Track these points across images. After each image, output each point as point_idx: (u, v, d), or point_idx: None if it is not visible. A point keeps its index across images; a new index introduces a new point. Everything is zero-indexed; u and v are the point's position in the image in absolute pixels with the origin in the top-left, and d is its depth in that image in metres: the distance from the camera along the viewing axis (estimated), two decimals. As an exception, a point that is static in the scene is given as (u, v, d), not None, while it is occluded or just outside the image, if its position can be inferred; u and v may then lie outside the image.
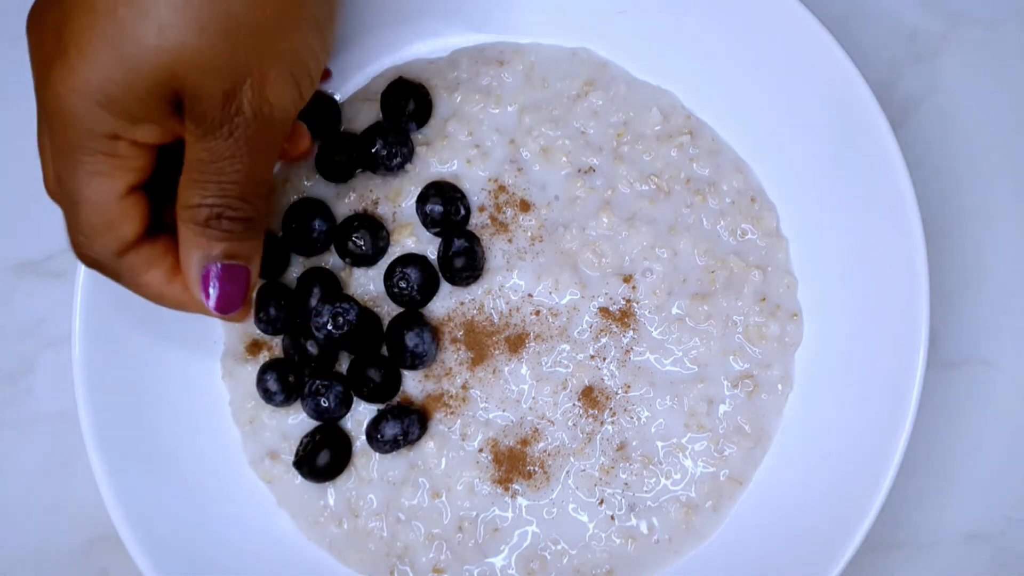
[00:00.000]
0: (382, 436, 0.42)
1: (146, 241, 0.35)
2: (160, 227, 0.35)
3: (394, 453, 0.44)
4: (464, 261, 0.43)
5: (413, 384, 0.44)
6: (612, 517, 0.43)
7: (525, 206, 0.45)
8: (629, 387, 0.43)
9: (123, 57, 0.30)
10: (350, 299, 0.42)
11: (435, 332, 0.44)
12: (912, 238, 0.40)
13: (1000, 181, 0.48)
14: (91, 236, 0.34)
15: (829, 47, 0.41)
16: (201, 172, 0.33)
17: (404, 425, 0.42)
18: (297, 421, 0.44)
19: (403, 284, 0.43)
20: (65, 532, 0.48)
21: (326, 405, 0.43)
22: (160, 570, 0.41)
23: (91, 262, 0.35)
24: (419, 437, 0.43)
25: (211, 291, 0.35)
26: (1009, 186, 0.48)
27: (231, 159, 0.33)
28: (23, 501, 0.48)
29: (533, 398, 0.44)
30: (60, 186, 0.33)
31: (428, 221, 0.44)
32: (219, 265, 0.34)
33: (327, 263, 0.45)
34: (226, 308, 0.35)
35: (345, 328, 0.41)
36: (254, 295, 0.40)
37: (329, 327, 0.41)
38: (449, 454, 0.43)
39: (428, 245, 0.44)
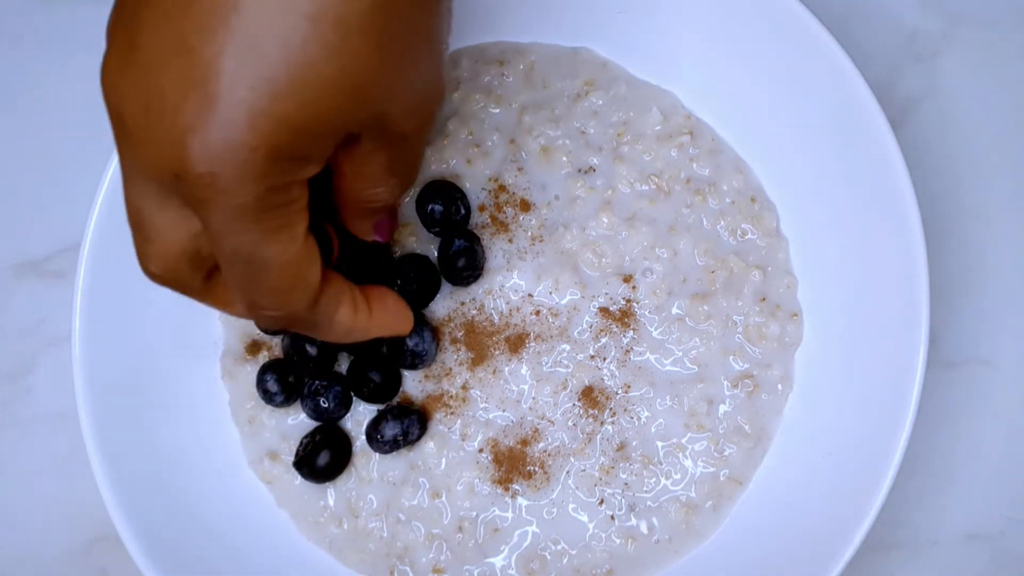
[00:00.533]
0: (382, 436, 0.42)
1: (330, 277, 0.32)
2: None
3: (394, 453, 0.44)
4: (465, 261, 0.43)
5: (413, 384, 0.44)
6: (612, 517, 0.43)
7: (525, 206, 0.45)
8: (629, 387, 0.43)
9: (303, 100, 0.26)
10: None
11: (435, 332, 0.44)
12: (912, 238, 0.40)
13: (1000, 181, 0.48)
14: (285, 295, 0.30)
15: (829, 47, 0.41)
16: (383, 173, 0.31)
17: (404, 425, 0.42)
18: (297, 421, 0.44)
19: (403, 284, 0.43)
20: (65, 532, 0.48)
21: (325, 405, 0.43)
22: (160, 570, 0.41)
23: (285, 322, 0.32)
24: (419, 437, 0.43)
25: (379, 235, 0.37)
26: (1009, 186, 0.48)
27: (412, 156, 0.32)
28: (23, 501, 0.48)
29: (533, 398, 0.44)
30: (229, 255, 0.29)
31: (428, 221, 0.44)
32: (381, 221, 0.37)
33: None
34: (388, 239, 0.40)
35: None
36: None
37: None
38: (449, 454, 0.43)
39: (428, 245, 0.44)
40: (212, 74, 0.25)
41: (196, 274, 0.31)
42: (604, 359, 0.44)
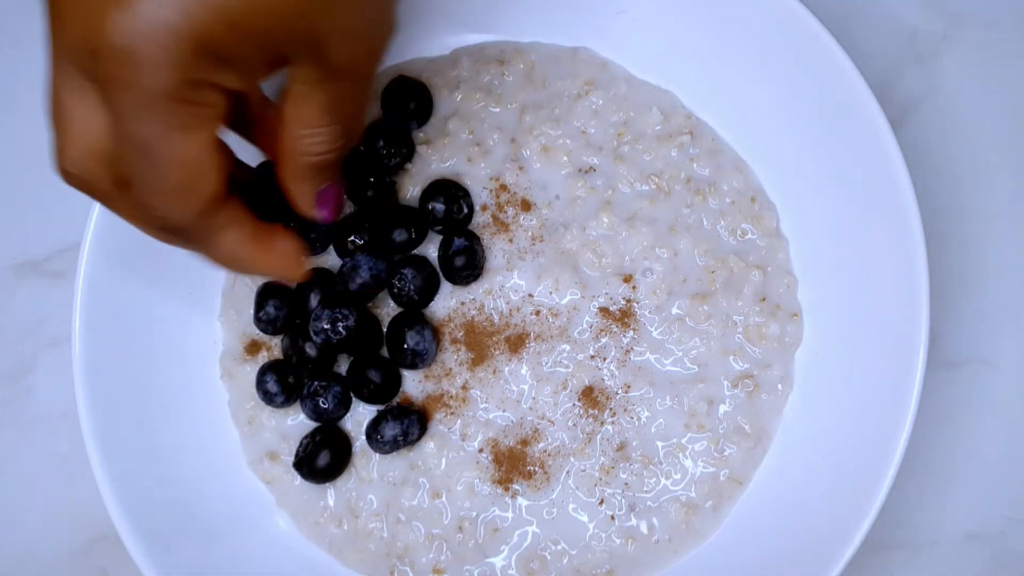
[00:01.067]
0: (382, 437, 0.42)
1: (226, 199, 0.31)
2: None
3: (394, 453, 0.44)
4: (464, 260, 0.43)
5: (413, 384, 0.44)
6: (612, 517, 0.43)
7: (526, 205, 0.45)
8: (629, 387, 0.43)
9: None
10: (350, 304, 0.42)
11: (435, 332, 0.44)
12: (912, 238, 0.40)
13: (1000, 181, 0.48)
14: (176, 197, 0.30)
15: (829, 47, 0.41)
16: (322, 115, 0.30)
17: (404, 426, 0.42)
18: (296, 422, 0.44)
19: (403, 284, 0.43)
20: (65, 532, 0.48)
21: (325, 406, 0.43)
22: (160, 570, 0.41)
23: (167, 226, 0.31)
24: (419, 437, 0.43)
25: (323, 210, 0.35)
26: (1009, 186, 0.48)
27: (354, 99, 0.31)
28: (23, 501, 0.48)
29: (533, 398, 0.44)
30: (128, 141, 0.28)
31: (430, 219, 0.44)
32: (325, 190, 0.35)
33: (327, 263, 0.45)
34: (332, 218, 0.36)
35: (343, 334, 0.41)
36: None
37: (327, 333, 0.41)
38: (449, 454, 0.43)
39: (429, 244, 0.44)
40: None
41: (106, 177, 0.30)
42: (604, 359, 0.44)
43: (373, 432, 0.43)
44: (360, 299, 0.43)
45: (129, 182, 0.30)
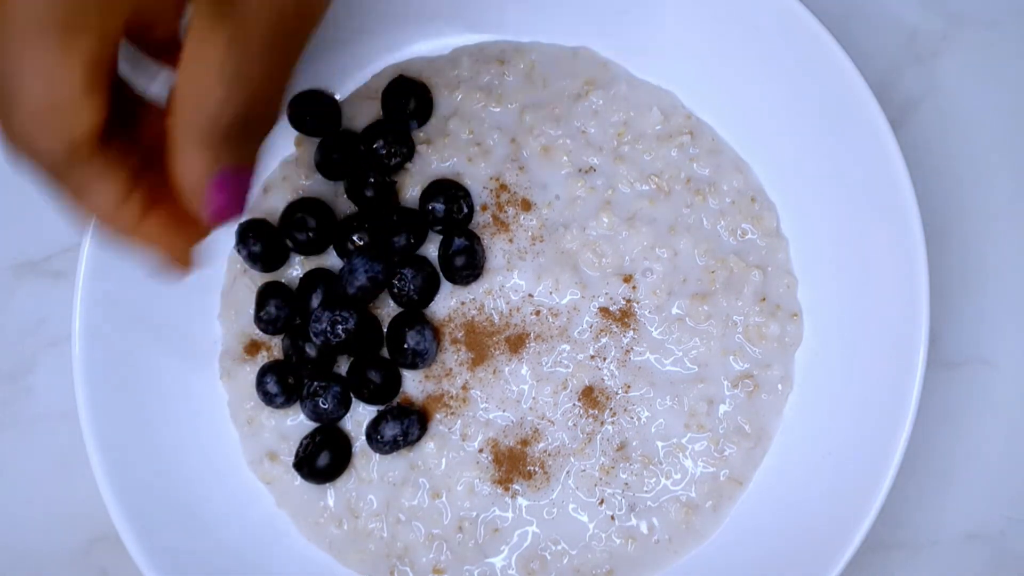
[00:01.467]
0: (382, 437, 0.42)
1: (102, 146, 0.28)
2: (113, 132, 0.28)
3: (394, 454, 0.44)
4: (464, 260, 0.43)
5: (413, 385, 0.44)
6: (612, 517, 0.43)
7: (526, 205, 0.45)
8: (629, 387, 0.43)
9: None
10: (351, 306, 0.42)
11: (436, 331, 0.44)
12: (912, 238, 0.40)
13: (1000, 181, 0.48)
14: (40, 126, 0.27)
15: (829, 47, 0.41)
16: (213, 73, 0.26)
17: (404, 426, 0.42)
18: (296, 422, 0.44)
19: (403, 284, 0.43)
20: (65, 532, 0.48)
21: (325, 406, 0.43)
22: (160, 570, 0.41)
23: (35, 157, 0.28)
24: (419, 438, 0.43)
25: (213, 199, 0.29)
26: (1009, 186, 0.48)
27: (260, 58, 0.26)
28: (23, 501, 0.48)
29: (533, 398, 0.44)
30: None
31: (431, 219, 0.44)
32: (226, 173, 0.29)
33: (326, 263, 0.45)
34: (227, 215, 0.30)
35: (343, 336, 0.41)
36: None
37: (327, 335, 0.41)
38: (449, 454, 0.43)
39: (429, 244, 0.44)
40: None
41: None
42: (604, 359, 0.44)
43: (373, 432, 0.43)
44: (359, 302, 0.43)
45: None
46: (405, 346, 0.42)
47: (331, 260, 0.45)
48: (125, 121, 0.29)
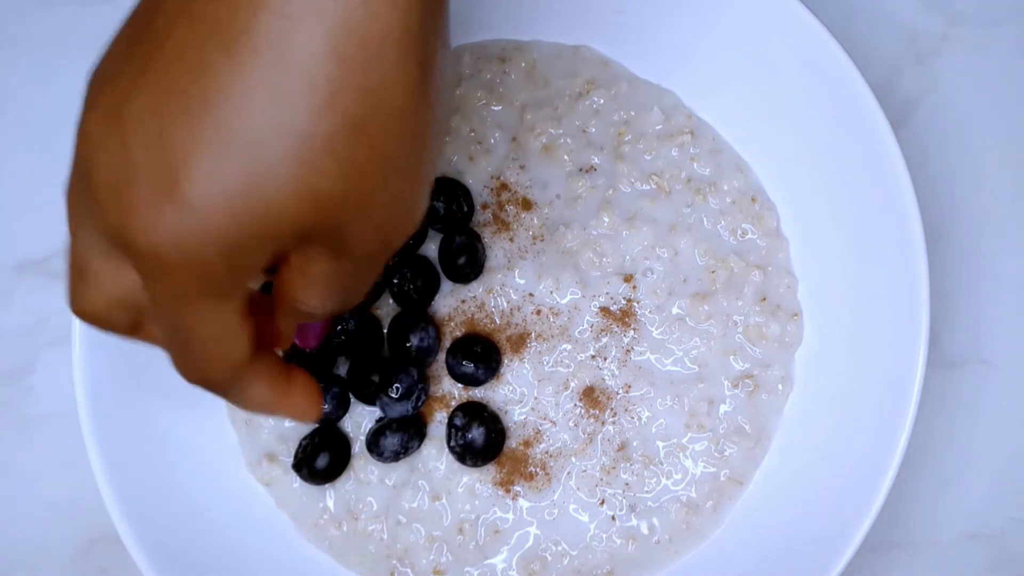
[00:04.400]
0: (382, 452, 0.42)
1: (256, 356, 0.32)
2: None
3: (394, 454, 0.44)
4: (465, 258, 0.43)
5: (413, 384, 0.44)
6: (613, 517, 0.43)
7: (527, 204, 0.45)
8: (630, 387, 0.43)
9: (261, 206, 0.25)
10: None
11: (438, 329, 0.44)
12: (912, 238, 0.40)
13: (1000, 181, 0.48)
14: (203, 365, 0.31)
15: (829, 47, 0.41)
16: (320, 288, 0.30)
17: (404, 440, 0.42)
18: (294, 423, 0.44)
19: (403, 283, 0.43)
20: (65, 532, 0.48)
21: (324, 407, 0.43)
22: (160, 570, 0.40)
23: (202, 384, 0.32)
24: (419, 448, 0.43)
25: (303, 340, 0.39)
26: (1009, 186, 0.48)
27: (355, 280, 0.30)
28: (23, 501, 0.48)
29: (535, 398, 0.44)
30: (160, 320, 0.29)
31: (431, 218, 0.44)
32: (310, 326, 0.39)
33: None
34: (314, 346, 0.40)
35: (342, 338, 0.41)
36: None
37: (326, 336, 0.41)
38: (450, 455, 0.43)
39: (430, 243, 0.44)
40: (181, 170, 0.25)
41: (125, 319, 0.31)
42: (605, 359, 0.44)
43: (374, 445, 0.43)
44: (358, 304, 0.43)
45: (148, 327, 0.32)
46: (408, 344, 0.42)
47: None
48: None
